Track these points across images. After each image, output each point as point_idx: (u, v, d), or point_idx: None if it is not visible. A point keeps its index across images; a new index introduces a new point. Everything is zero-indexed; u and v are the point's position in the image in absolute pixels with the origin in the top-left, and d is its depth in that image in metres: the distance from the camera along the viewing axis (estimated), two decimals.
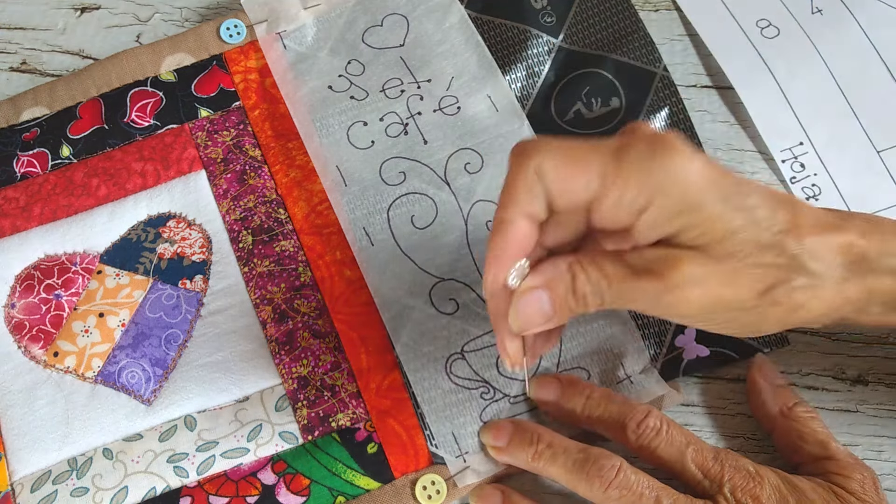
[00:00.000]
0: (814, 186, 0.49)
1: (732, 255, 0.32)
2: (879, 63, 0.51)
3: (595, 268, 0.34)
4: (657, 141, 0.32)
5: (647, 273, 0.33)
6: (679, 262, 0.32)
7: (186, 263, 0.47)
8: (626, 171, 0.32)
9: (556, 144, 0.33)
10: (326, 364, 0.45)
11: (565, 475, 0.39)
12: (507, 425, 0.42)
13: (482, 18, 0.52)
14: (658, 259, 0.33)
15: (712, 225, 0.32)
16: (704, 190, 0.32)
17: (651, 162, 0.31)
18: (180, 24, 0.54)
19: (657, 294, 0.33)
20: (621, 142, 0.32)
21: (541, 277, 0.35)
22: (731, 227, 0.32)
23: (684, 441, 0.39)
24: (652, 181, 0.31)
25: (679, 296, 0.33)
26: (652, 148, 0.32)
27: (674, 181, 0.31)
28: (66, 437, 0.44)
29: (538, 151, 0.33)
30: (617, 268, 0.34)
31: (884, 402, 0.44)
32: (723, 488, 0.38)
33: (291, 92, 0.50)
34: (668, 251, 0.33)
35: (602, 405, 0.41)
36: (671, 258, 0.33)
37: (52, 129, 0.50)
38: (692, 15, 0.53)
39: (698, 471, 0.39)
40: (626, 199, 0.32)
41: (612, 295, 0.34)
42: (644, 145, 0.32)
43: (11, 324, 0.46)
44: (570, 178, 0.32)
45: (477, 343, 0.44)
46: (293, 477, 0.43)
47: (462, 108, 0.50)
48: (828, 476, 0.39)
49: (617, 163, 0.32)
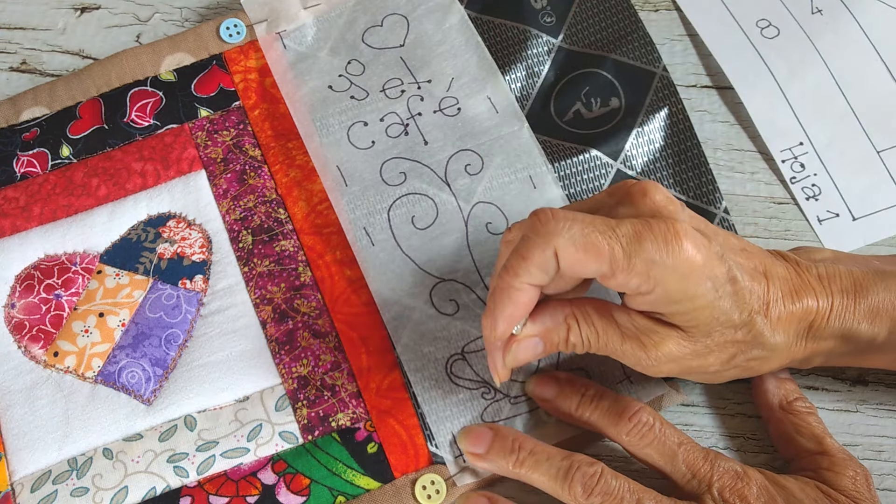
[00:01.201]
0: (814, 186, 0.49)
1: (709, 336, 0.37)
2: (879, 63, 0.51)
3: (587, 324, 0.38)
4: (670, 232, 0.34)
5: (633, 339, 0.37)
6: (663, 342, 0.37)
7: (186, 263, 0.47)
8: (635, 264, 0.34)
9: (575, 230, 0.35)
10: (326, 364, 0.45)
11: (548, 482, 0.39)
12: (485, 431, 0.42)
13: (482, 18, 0.52)
14: (645, 330, 0.37)
15: (700, 313, 0.36)
16: (701, 282, 0.35)
17: (661, 256, 0.34)
18: (180, 24, 0.54)
19: (638, 359, 0.37)
20: (636, 229, 0.34)
21: (539, 327, 0.38)
22: (716, 314, 0.36)
23: (676, 440, 0.40)
24: (657, 274, 0.34)
25: (656, 366, 0.37)
26: (665, 241, 0.34)
27: (678, 277, 0.34)
28: (66, 437, 0.44)
29: (558, 235, 0.35)
30: (607, 328, 0.37)
31: (884, 402, 0.44)
32: (711, 488, 0.38)
33: (291, 92, 0.50)
34: (655, 327, 0.37)
35: (595, 402, 0.41)
36: (656, 336, 0.37)
37: (51, 129, 0.50)
38: (692, 15, 0.53)
39: (688, 470, 0.39)
40: (630, 285, 0.35)
41: (598, 347, 0.38)
42: (658, 238, 0.34)
43: (11, 324, 0.46)
44: (584, 262, 0.35)
45: (477, 344, 0.44)
46: (293, 477, 0.43)
47: (462, 109, 0.50)
48: (819, 472, 0.39)
49: (628, 257, 0.34)
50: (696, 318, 0.36)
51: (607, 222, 0.35)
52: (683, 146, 0.49)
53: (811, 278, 0.39)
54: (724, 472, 0.39)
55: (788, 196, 0.49)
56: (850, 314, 0.39)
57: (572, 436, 0.43)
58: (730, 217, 0.47)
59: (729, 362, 0.38)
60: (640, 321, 0.37)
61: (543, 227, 0.35)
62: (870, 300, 0.39)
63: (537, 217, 0.36)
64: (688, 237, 0.34)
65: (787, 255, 0.40)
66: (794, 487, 0.38)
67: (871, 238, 0.47)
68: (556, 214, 0.35)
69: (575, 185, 0.48)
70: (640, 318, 0.37)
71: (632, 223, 0.35)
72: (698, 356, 0.37)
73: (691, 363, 0.37)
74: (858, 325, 0.39)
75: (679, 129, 0.49)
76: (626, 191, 0.37)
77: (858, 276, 0.39)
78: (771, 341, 0.38)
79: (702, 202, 0.48)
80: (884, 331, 0.39)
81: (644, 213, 0.36)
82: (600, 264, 0.34)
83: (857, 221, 0.48)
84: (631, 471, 0.41)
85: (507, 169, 0.48)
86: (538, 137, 0.49)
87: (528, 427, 0.43)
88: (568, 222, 0.35)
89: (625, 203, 0.37)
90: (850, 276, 0.39)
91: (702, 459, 0.39)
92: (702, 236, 0.35)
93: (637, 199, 0.37)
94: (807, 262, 0.40)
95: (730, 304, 0.36)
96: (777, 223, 0.48)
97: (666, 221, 0.35)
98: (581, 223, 0.35)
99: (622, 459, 0.43)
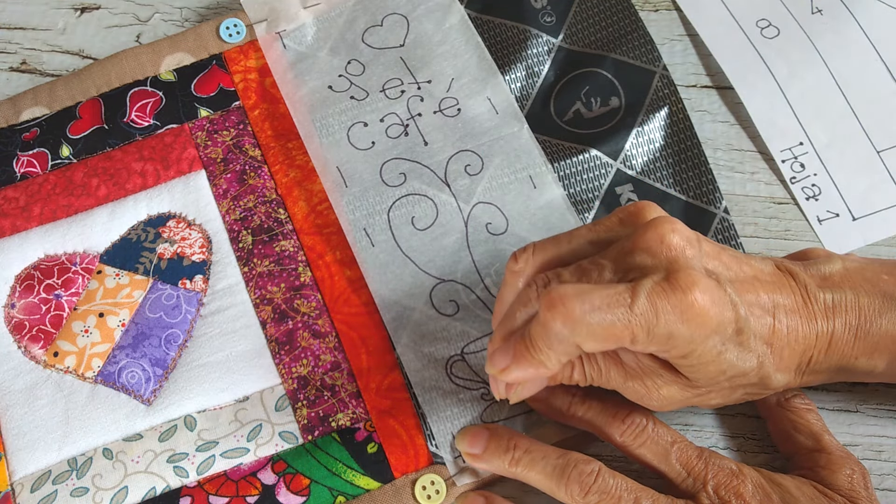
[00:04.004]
0: (814, 186, 0.49)
1: (716, 385, 0.37)
2: (879, 63, 0.51)
3: (591, 363, 0.38)
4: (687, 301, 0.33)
5: (636, 378, 0.37)
6: (665, 385, 0.37)
7: (186, 263, 0.47)
8: (654, 336, 0.34)
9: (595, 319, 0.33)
10: (326, 364, 0.45)
11: (544, 481, 0.39)
12: (482, 432, 0.42)
13: (482, 18, 0.52)
14: (650, 373, 0.37)
15: (706, 368, 0.35)
16: (710, 335, 0.34)
17: (677, 327, 0.33)
18: (180, 24, 0.54)
19: (640, 397, 0.38)
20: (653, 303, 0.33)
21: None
22: (722, 367, 0.35)
23: (669, 439, 0.40)
24: (666, 332, 0.34)
25: (657, 404, 0.38)
26: (682, 310, 0.33)
27: (688, 336, 0.34)
28: (66, 437, 0.44)
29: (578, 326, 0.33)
30: (611, 367, 0.37)
31: (884, 402, 0.44)
32: (706, 486, 0.38)
33: (291, 92, 0.50)
34: (660, 370, 0.36)
35: (588, 402, 0.41)
36: (658, 380, 0.37)
37: (51, 129, 0.50)
38: (692, 15, 0.53)
39: (682, 469, 0.39)
40: (648, 350, 0.35)
41: (600, 383, 0.38)
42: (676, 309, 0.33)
43: (11, 324, 0.46)
44: (606, 346, 0.34)
45: (477, 345, 0.44)
46: (293, 477, 0.43)
47: (462, 109, 0.50)
48: (816, 470, 0.39)
49: (647, 334, 0.33)
50: (701, 372, 0.35)
51: (623, 300, 0.33)
52: (683, 146, 0.49)
53: (818, 308, 0.38)
54: (718, 470, 0.39)
55: (788, 196, 0.49)
56: (850, 348, 0.38)
57: (571, 436, 0.43)
58: (730, 217, 0.47)
59: (730, 397, 0.38)
60: (645, 361, 0.36)
61: (562, 319, 0.33)
62: (872, 334, 0.38)
63: (552, 305, 0.34)
64: (704, 296, 0.34)
65: (797, 275, 0.39)
66: (791, 485, 0.38)
67: (871, 238, 0.47)
68: (572, 305, 0.33)
69: (575, 185, 0.48)
70: (645, 359, 0.36)
71: (648, 295, 0.33)
72: (701, 396, 0.38)
73: (693, 401, 0.38)
74: (857, 359, 0.38)
75: (679, 128, 0.49)
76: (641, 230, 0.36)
77: (864, 307, 0.38)
78: (774, 383, 0.38)
79: (702, 202, 0.48)
80: (882, 363, 0.39)
81: (661, 264, 0.35)
82: (620, 343, 0.34)
83: (857, 221, 0.48)
84: (631, 470, 0.41)
85: (506, 169, 0.48)
86: (538, 137, 0.49)
87: (528, 427, 0.43)
88: (584, 309, 0.33)
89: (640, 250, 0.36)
90: (856, 307, 0.38)
91: (696, 458, 0.39)
92: (716, 287, 0.34)
93: (653, 245, 0.35)
94: (815, 287, 0.38)
95: (736, 355, 0.35)
96: (777, 223, 0.48)
97: (683, 289, 0.33)
98: (599, 308, 0.33)
99: (622, 459, 0.43)
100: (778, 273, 0.39)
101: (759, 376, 0.37)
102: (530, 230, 0.47)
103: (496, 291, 0.45)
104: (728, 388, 0.37)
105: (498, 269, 0.46)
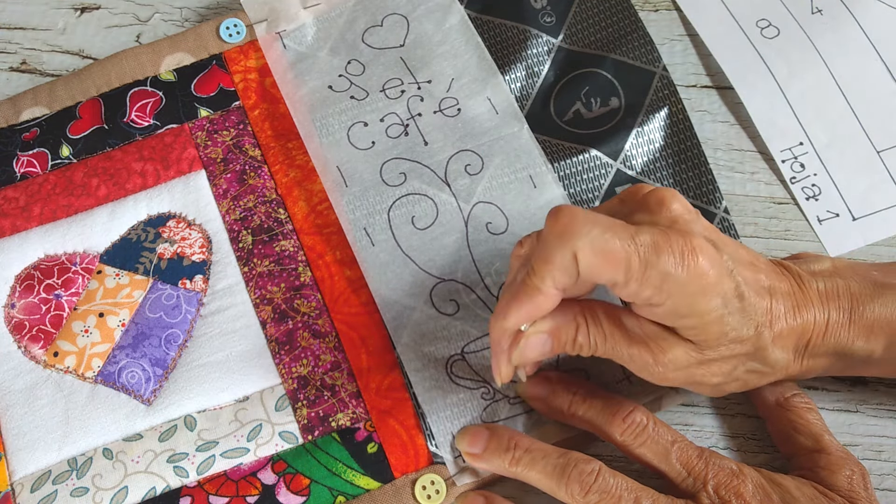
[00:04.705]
0: (814, 186, 0.49)
1: (716, 350, 0.37)
2: (879, 63, 0.51)
3: (596, 325, 0.38)
4: (687, 248, 0.34)
5: (640, 344, 0.37)
6: (670, 348, 0.37)
7: (186, 263, 0.47)
8: (650, 275, 0.34)
9: (595, 233, 0.34)
10: (326, 364, 0.45)
11: (544, 480, 0.39)
12: (482, 431, 0.42)
13: (482, 18, 0.52)
14: (653, 336, 0.37)
15: (710, 328, 0.36)
16: (711, 298, 0.35)
17: (675, 270, 0.34)
18: (180, 24, 0.54)
19: (644, 364, 0.37)
20: (655, 239, 0.34)
21: (549, 324, 0.38)
22: (725, 329, 0.36)
23: (669, 439, 0.40)
24: (669, 287, 0.34)
25: (661, 373, 0.37)
26: (682, 255, 0.34)
27: (689, 293, 0.34)
28: (66, 437, 0.44)
29: (578, 237, 0.34)
30: (615, 330, 0.37)
31: (884, 402, 0.44)
32: (706, 486, 0.38)
33: (291, 91, 0.50)
34: (663, 333, 0.37)
35: (588, 402, 0.41)
36: (664, 343, 0.37)
37: (51, 129, 0.50)
38: (692, 15, 0.53)
39: (682, 469, 0.39)
40: (641, 296, 0.35)
41: (605, 350, 0.38)
42: (675, 251, 0.34)
43: (11, 324, 0.46)
44: (601, 268, 0.34)
45: (477, 344, 0.44)
46: (293, 477, 0.43)
47: (462, 109, 0.50)
48: (816, 471, 0.39)
49: (644, 267, 0.34)
50: (705, 332, 0.36)
51: (627, 229, 0.34)
52: (683, 146, 0.49)
53: (812, 294, 0.39)
54: (719, 470, 0.39)
55: (788, 196, 0.49)
56: (846, 331, 0.39)
57: (571, 435, 0.43)
58: (730, 217, 0.47)
59: (731, 374, 0.38)
60: (648, 327, 0.37)
61: (563, 228, 0.34)
62: (866, 317, 0.39)
63: (556, 217, 0.35)
64: (703, 253, 0.34)
65: (790, 266, 0.40)
66: (791, 485, 0.38)
67: (871, 238, 0.47)
68: (576, 216, 0.35)
69: (575, 185, 0.48)
70: (648, 324, 0.37)
71: (651, 233, 0.34)
72: (704, 367, 0.37)
73: (696, 371, 0.37)
74: (853, 342, 0.39)
75: (679, 128, 0.49)
76: (642, 198, 0.37)
77: (856, 292, 0.39)
78: (772, 357, 0.38)
79: (702, 202, 0.48)
80: (879, 347, 0.39)
81: (661, 223, 0.36)
82: (615, 272, 0.34)
83: (857, 221, 0.48)
84: (631, 470, 0.41)
85: (506, 169, 0.48)
86: (538, 137, 0.49)
87: (528, 427, 0.43)
88: (588, 225, 0.34)
89: (641, 211, 0.37)
90: (848, 292, 0.39)
91: (696, 457, 0.39)
92: (715, 250, 0.35)
93: (654, 208, 0.36)
94: (808, 276, 0.40)
95: (738, 320, 0.36)
96: (777, 223, 0.48)
97: (684, 236, 0.34)
98: (601, 227, 0.34)
99: (623, 459, 0.43)
100: (772, 263, 0.40)
101: (755, 346, 0.37)
102: (530, 230, 0.47)
103: (496, 291, 0.45)
104: (729, 356, 0.37)
105: (498, 268, 0.46)
